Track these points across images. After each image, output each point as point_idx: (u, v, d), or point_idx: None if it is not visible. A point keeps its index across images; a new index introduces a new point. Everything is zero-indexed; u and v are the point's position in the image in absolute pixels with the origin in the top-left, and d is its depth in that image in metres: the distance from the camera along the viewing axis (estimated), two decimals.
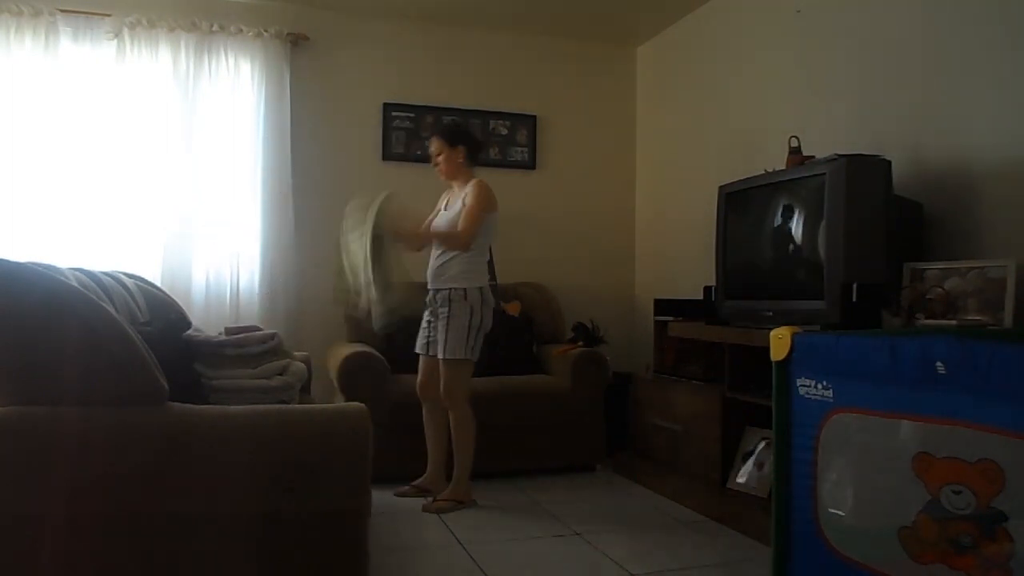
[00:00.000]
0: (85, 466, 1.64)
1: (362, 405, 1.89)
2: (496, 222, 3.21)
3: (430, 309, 3.21)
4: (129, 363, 1.68)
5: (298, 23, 4.17)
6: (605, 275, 4.76)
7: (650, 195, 4.74)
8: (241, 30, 4.02)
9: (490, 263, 3.35)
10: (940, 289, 2.43)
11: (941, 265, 2.47)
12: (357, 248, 2.91)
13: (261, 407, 1.94)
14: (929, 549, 1.59)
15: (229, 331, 2.36)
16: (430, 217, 3.34)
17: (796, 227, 2.77)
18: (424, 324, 3.26)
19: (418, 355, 3.29)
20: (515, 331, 4.02)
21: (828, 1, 3.26)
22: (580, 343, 4.02)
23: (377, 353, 3.51)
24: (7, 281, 1.64)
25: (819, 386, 1.89)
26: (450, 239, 3.12)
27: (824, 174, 2.54)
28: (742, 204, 3.06)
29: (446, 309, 3.10)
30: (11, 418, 1.63)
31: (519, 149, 4.61)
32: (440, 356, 3.11)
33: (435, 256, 3.19)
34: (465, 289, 3.09)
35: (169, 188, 3.88)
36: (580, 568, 2.50)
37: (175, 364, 2.13)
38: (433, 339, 3.20)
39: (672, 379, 3.61)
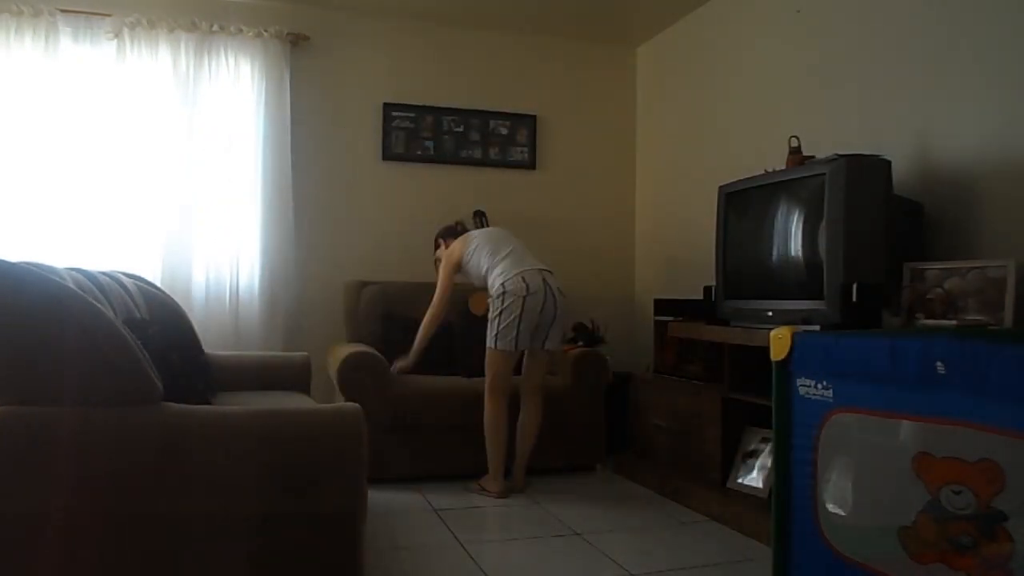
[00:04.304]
0: (79, 466, 1.64)
1: (356, 406, 1.89)
2: (474, 255, 3.44)
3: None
4: (122, 363, 1.67)
5: (298, 23, 4.17)
6: (605, 275, 4.76)
7: (650, 195, 4.74)
8: (241, 30, 4.02)
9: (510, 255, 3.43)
10: (940, 289, 2.43)
11: (941, 265, 2.47)
12: None
13: (254, 408, 1.94)
14: (929, 549, 1.59)
15: None
16: None
17: (796, 227, 2.77)
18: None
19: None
20: None
21: (828, 1, 3.26)
22: (580, 343, 4.01)
23: (377, 353, 3.50)
24: (1, 281, 1.63)
25: (819, 386, 1.90)
26: (428, 325, 3.52)
27: (824, 174, 2.54)
28: (742, 204, 3.05)
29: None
30: (5, 418, 1.63)
31: (519, 149, 4.61)
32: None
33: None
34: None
35: (169, 188, 3.87)
36: (580, 568, 2.50)
37: (174, 364, 2.14)
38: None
39: (672, 379, 3.61)
